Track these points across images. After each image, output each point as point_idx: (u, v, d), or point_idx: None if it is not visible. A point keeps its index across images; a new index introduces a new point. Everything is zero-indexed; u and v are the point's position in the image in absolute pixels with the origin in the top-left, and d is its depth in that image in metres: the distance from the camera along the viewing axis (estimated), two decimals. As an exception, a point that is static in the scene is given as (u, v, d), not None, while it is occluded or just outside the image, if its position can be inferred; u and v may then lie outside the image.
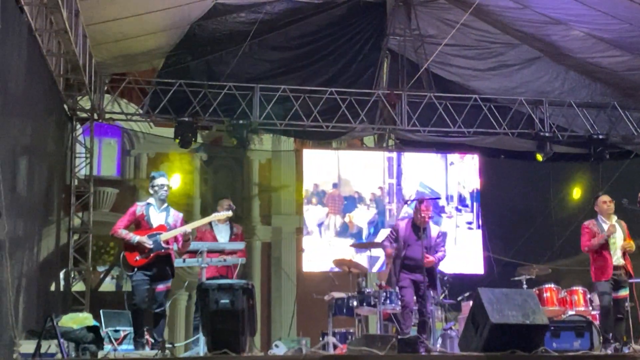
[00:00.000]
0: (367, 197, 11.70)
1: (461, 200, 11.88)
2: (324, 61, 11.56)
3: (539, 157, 11.67)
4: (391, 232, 8.25)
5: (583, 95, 11.84)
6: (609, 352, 6.88)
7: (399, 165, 11.79)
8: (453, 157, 12.01)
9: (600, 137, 11.59)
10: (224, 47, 10.94)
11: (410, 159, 11.92)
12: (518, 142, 11.91)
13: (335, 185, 11.71)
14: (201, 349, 6.43)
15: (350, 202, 11.67)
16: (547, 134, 11.55)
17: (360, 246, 10.45)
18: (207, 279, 7.36)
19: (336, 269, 9.50)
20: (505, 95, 11.79)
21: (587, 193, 12.00)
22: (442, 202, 11.55)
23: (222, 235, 7.99)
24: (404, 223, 8.18)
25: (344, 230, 11.51)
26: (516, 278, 9.30)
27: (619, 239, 7.49)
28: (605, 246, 7.45)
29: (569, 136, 11.87)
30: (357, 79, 11.59)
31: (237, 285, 6.03)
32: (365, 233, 11.51)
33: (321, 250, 11.30)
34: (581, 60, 11.22)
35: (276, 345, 8.38)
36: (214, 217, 7.44)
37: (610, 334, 7.44)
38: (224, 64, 10.98)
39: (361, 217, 11.59)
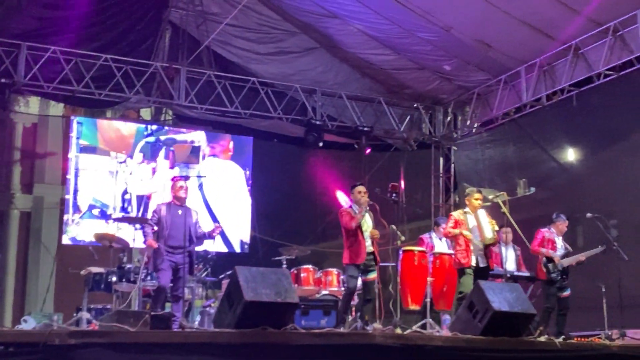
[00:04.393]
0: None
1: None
2: (100, 25, 11.06)
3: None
4: (153, 214, 8.18)
5: (353, 89, 12.51)
6: (356, 328, 7.36)
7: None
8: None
9: (366, 129, 12.33)
10: (-12, -3, 10.06)
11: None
12: (291, 127, 12.31)
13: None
14: None
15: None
16: (318, 122, 12.06)
17: (123, 220, 10.26)
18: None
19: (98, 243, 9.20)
20: (282, 81, 12.11)
21: (351, 181, 12.72)
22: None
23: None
24: (164, 205, 8.17)
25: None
26: (277, 258, 9.62)
27: (369, 228, 7.87)
28: (360, 233, 7.78)
29: (337, 126, 12.49)
30: (134, 48, 11.23)
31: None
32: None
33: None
34: (353, 55, 11.86)
35: (25, 320, 7.90)
36: None
37: (359, 314, 7.98)
38: (-13, 16, 10.09)
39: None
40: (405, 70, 11.99)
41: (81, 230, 11.06)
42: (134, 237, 8.72)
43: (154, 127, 12.02)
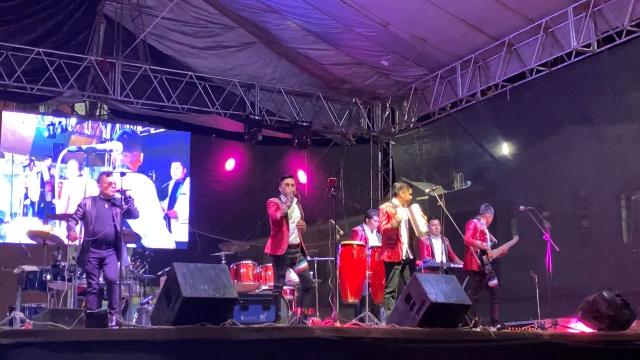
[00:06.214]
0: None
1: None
2: (32, 18, 10.78)
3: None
4: (78, 208, 7.86)
5: (292, 84, 12.53)
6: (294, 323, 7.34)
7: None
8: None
9: (305, 124, 12.37)
10: None
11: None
12: (230, 122, 12.24)
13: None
14: None
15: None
16: (256, 117, 12.03)
17: (53, 217, 10.07)
18: None
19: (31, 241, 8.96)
20: (220, 76, 12.03)
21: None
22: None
23: None
24: (89, 199, 7.88)
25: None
26: (216, 254, 9.55)
27: (296, 219, 7.70)
28: (285, 224, 7.62)
29: (276, 121, 12.49)
30: (68, 42, 11.00)
31: None
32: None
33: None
34: (292, 49, 11.86)
35: (-46, 322, 7.64)
36: None
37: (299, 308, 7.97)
38: None
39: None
40: (344, 66, 12.07)
41: (13, 228, 10.73)
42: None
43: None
